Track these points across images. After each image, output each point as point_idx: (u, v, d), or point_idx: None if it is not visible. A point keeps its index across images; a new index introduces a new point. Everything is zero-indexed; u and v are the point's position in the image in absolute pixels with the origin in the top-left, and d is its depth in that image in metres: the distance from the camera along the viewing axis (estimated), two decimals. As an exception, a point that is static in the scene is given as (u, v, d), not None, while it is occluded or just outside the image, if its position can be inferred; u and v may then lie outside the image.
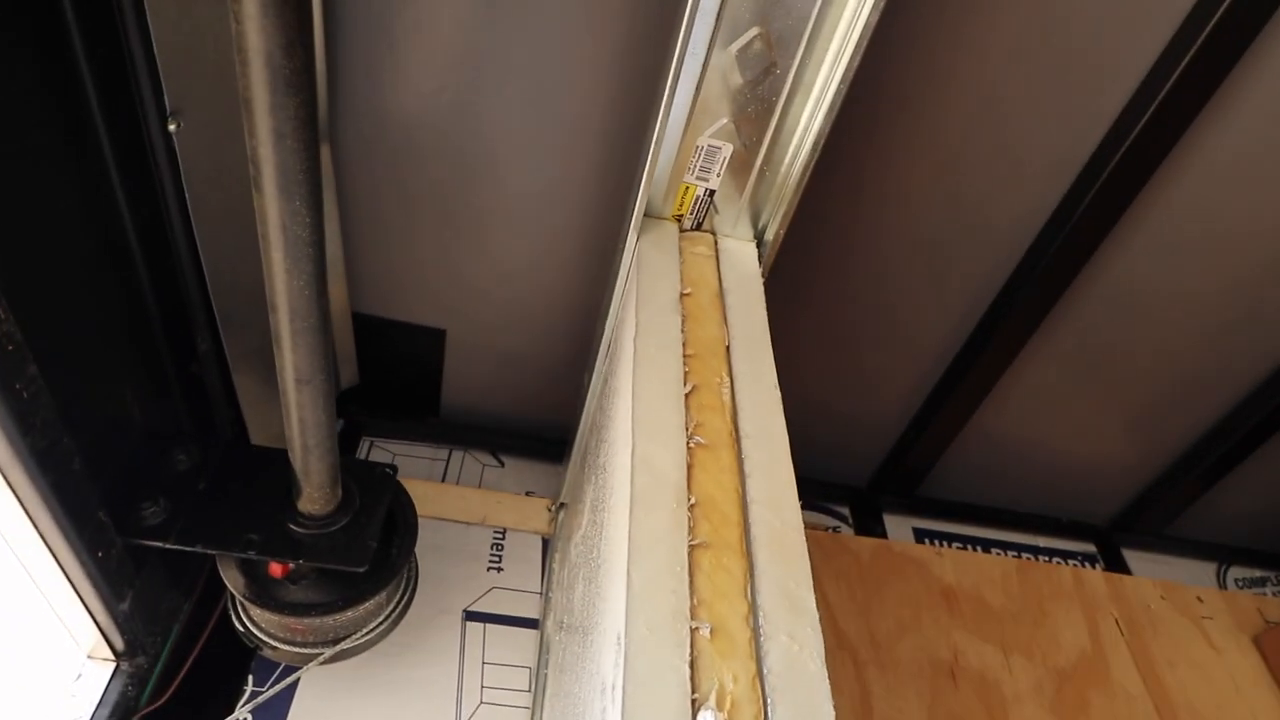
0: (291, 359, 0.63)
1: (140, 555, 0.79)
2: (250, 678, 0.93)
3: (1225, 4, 0.81)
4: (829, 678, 0.50)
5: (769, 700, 0.48)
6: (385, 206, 1.02)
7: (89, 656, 0.83)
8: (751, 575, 0.55)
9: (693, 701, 0.47)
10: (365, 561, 0.78)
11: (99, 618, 0.77)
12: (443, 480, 1.23)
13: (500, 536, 1.15)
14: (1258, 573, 1.58)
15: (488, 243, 1.06)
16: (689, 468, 0.60)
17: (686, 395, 0.65)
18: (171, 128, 0.69)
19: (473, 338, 1.18)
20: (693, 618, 0.50)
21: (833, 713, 0.49)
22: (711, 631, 0.50)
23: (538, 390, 1.25)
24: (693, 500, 0.57)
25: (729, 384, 0.68)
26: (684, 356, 0.69)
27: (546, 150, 0.96)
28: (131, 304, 0.77)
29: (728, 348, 0.72)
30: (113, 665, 0.83)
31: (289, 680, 0.89)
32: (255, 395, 0.98)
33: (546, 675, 0.95)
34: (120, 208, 0.71)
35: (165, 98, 0.68)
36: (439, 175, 0.99)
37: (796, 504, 0.60)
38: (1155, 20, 0.86)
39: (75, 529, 0.67)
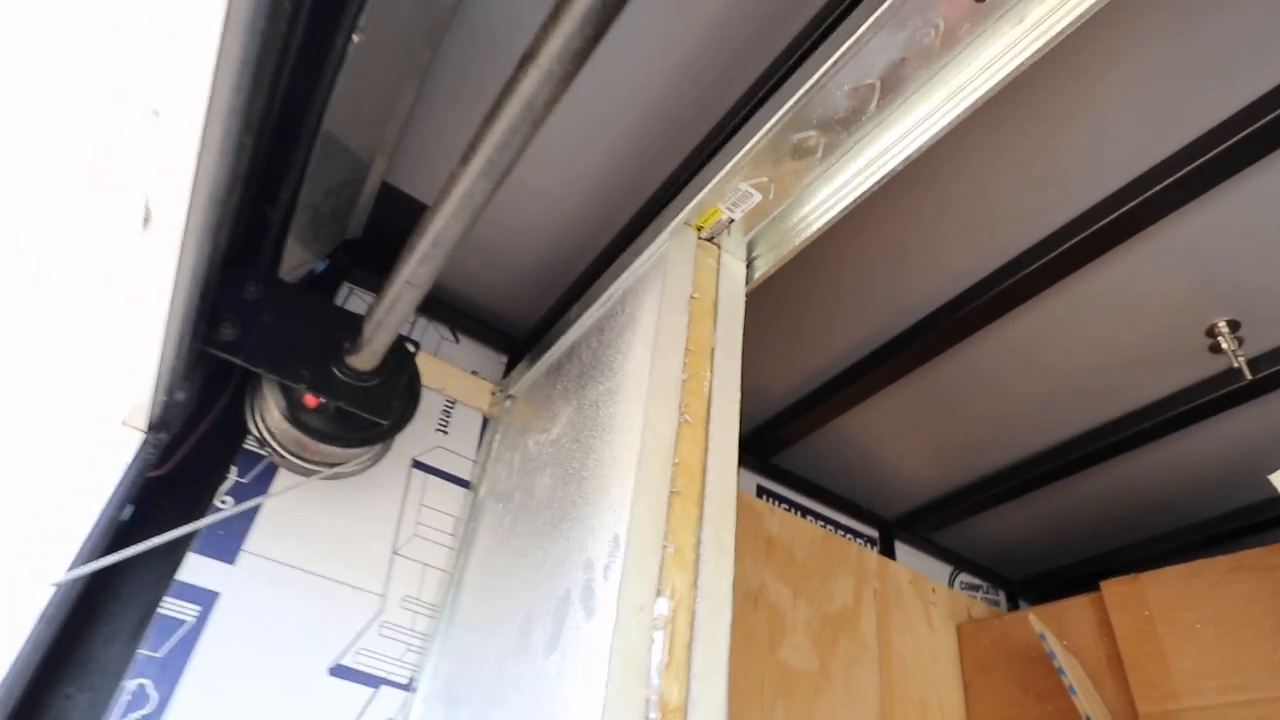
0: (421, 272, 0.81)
1: (205, 361, 0.94)
2: (234, 468, 1.11)
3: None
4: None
5: (698, 598, 0.76)
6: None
7: (123, 424, 0.98)
8: (701, 519, 0.82)
9: (657, 590, 0.74)
10: (390, 418, 0.98)
11: (159, 397, 0.93)
12: (405, 341, 1.41)
13: (450, 405, 1.37)
14: (977, 581, 2.09)
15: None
16: (677, 436, 0.85)
17: (683, 382, 0.90)
18: None
19: (474, 235, 1.35)
20: (665, 540, 0.77)
21: (730, 612, 0.78)
22: (675, 551, 0.77)
23: (508, 288, 1.44)
24: (676, 460, 0.83)
25: (709, 378, 0.93)
26: (685, 351, 0.93)
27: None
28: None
29: (713, 349, 0.97)
30: (143, 436, 0.99)
31: (288, 486, 1.08)
32: (297, 251, 1.12)
33: (476, 529, 1.20)
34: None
35: None
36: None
37: (734, 475, 0.87)
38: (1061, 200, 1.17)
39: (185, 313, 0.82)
